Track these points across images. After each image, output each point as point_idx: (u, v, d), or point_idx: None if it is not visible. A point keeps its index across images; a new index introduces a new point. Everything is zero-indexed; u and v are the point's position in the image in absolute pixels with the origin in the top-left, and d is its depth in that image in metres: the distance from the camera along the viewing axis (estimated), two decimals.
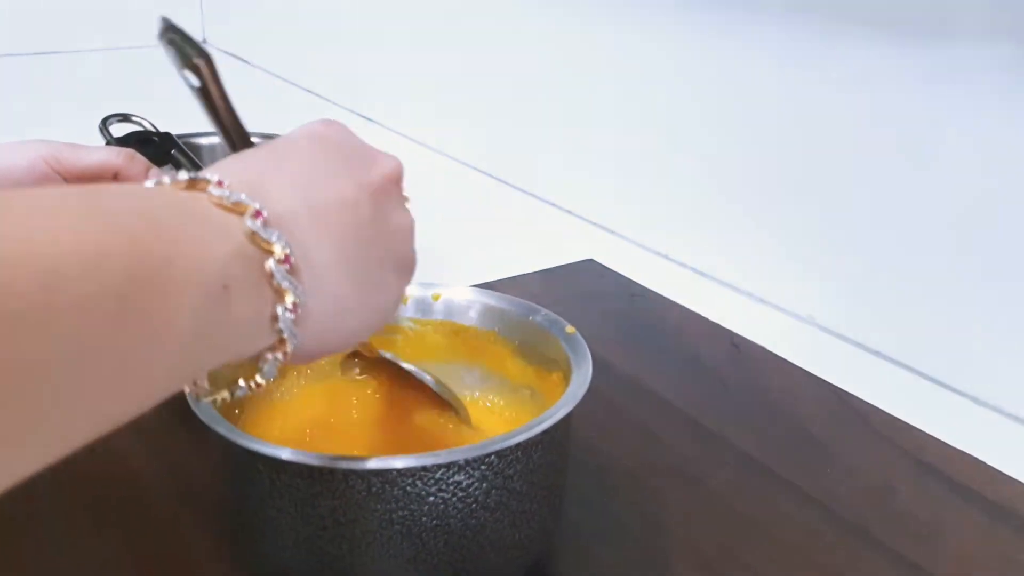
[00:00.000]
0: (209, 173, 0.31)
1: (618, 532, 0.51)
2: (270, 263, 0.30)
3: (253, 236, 0.30)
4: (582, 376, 0.44)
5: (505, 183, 1.09)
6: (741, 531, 0.51)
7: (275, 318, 0.31)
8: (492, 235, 0.96)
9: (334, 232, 0.33)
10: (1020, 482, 0.55)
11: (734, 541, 0.50)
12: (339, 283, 0.33)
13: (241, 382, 0.34)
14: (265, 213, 0.30)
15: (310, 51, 1.47)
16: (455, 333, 0.53)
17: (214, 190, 0.30)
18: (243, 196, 0.30)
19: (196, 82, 0.36)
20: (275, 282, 0.30)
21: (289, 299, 0.30)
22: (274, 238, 0.30)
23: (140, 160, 0.60)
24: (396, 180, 0.37)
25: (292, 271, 0.31)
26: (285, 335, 0.31)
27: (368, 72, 1.33)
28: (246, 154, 0.35)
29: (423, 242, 0.38)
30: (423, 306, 0.53)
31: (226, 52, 1.64)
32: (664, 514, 0.52)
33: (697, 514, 0.52)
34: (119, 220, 0.25)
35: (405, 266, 0.38)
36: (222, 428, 0.39)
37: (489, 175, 1.11)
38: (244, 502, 0.42)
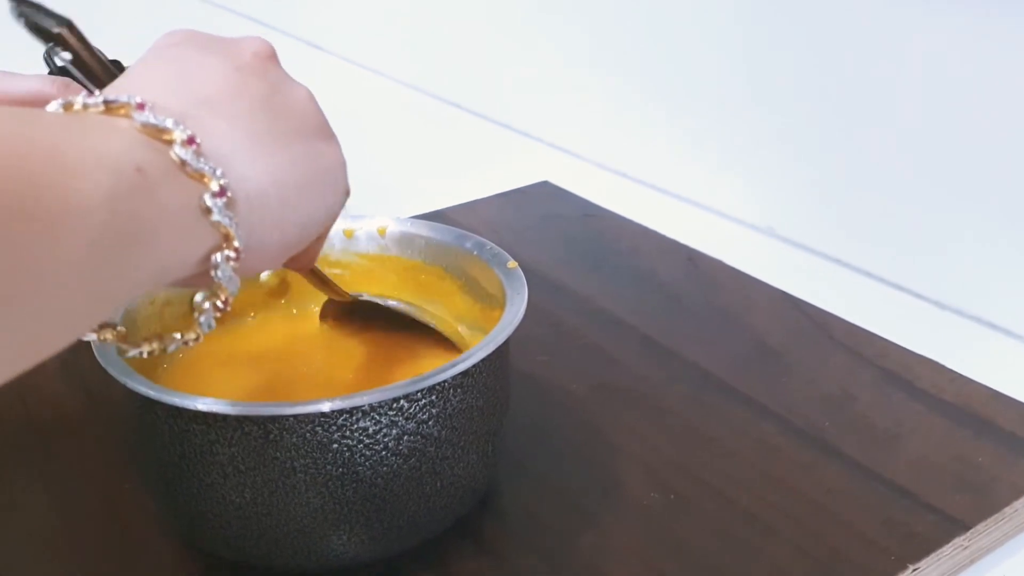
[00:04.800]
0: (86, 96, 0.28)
1: (572, 454, 0.49)
2: (176, 149, 0.27)
3: (147, 128, 0.27)
4: (510, 316, 0.41)
5: (457, 106, 1.05)
6: (697, 447, 0.50)
7: (206, 210, 0.28)
8: (445, 160, 0.93)
9: (233, 116, 0.31)
10: (980, 384, 0.54)
11: (690, 458, 0.49)
12: (263, 162, 0.31)
13: (177, 335, 0.31)
14: (149, 105, 0.28)
15: None
16: (404, 269, 0.50)
17: (84, 100, 0.28)
18: (122, 97, 0.28)
19: (66, 55, 0.34)
20: (188, 168, 0.27)
21: (213, 184, 0.28)
22: (169, 123, 0.27)
23: (76, 89, 0.57)
24: (269, 55, 0.34)
25: (202, 154, 0.28)
26: (225, 224, 0.28)
27: None
28: (118, 81, 0.32)
29: (374, 169, 0.35)
30: (367, 239, 0.51)
31: None
32: (618, 434, 0.51)
33: (652, 432, 0.51)
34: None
35: (325, 132, 0.35)
36: (114, 369, 0.36)
37: (440, 98, 1.08)
38: (149, 448, 0.40)
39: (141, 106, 0.27)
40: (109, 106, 0.28)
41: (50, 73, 0.66)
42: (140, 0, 1.48)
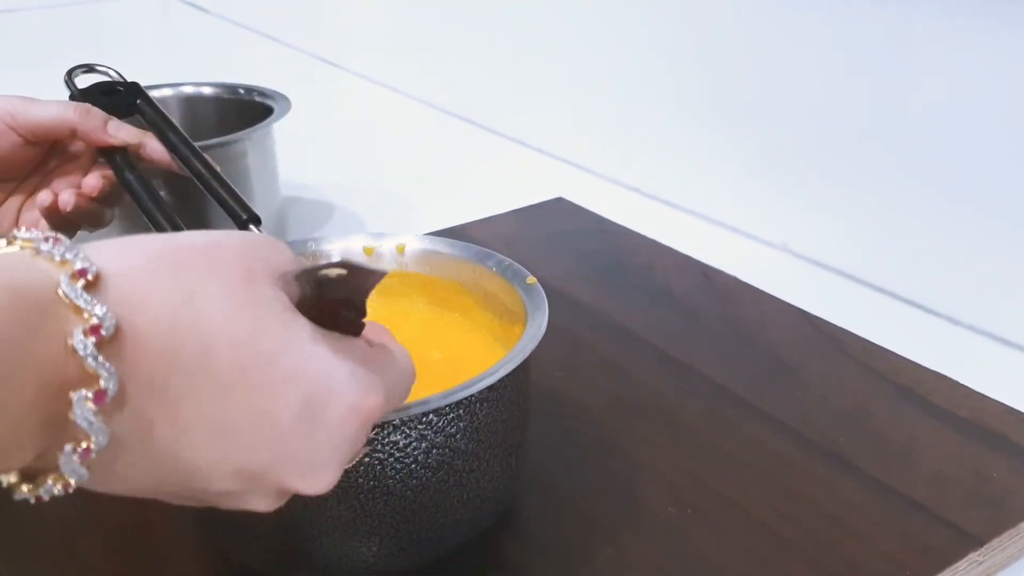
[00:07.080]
0: (78, 254, 0.26)
1: (589, 469, 0.50)
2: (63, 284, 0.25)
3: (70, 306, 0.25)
4: (533, 331, 0.42)
5: (473, 123, 1.07)
6: (713, 461, 0.50)
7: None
8: (461, 177, 0.94)
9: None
10: (994, 399, 0.55)
11: (706, 471, 0.49)
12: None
13: (50, 481, 0.26)
14: (104, 331, 0.25)
15: None
16: (421, 285, 0.51)
17: (64, 281, 0.25)
18: (83, 296, 0.25)
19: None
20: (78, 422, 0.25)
21: (84, 444, 0.25)
22: (102, 370, 0.25)
23: (97, 114, 0.59)
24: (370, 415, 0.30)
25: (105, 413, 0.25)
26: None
27: (330, 15, 1.29)
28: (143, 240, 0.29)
29: (392, 186, 0.36)
30: (387, 257, 0.52)
31: (185, 1, 1.60)
32: (636, 448, 0.51)
33: (669, 446, 0.51)
34: None
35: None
36: None
37: (456, 116, 1.09)
38: None
39: (95, 329, 0.25)
40: (64, 298, 0.25)
41: (71, 98, 0.68)
42: (171, 23, 1.50)
